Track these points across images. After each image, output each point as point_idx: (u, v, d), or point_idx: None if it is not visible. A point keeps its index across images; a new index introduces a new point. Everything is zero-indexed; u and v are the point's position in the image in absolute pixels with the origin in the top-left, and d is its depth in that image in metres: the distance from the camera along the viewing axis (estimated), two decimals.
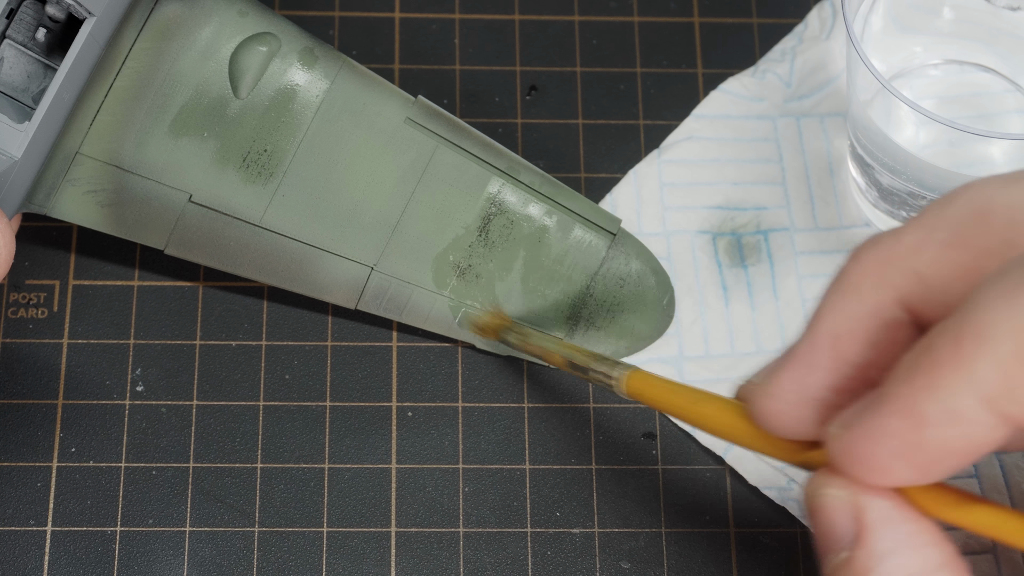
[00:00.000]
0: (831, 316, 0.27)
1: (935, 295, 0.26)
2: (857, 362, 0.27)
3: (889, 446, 0.25)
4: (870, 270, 0.26)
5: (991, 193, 0.25)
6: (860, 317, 0.26)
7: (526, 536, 0.41)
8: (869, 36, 0.42)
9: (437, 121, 0.41)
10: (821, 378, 0.27)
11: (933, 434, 0.24)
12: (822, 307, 0.27)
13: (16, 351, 0.42)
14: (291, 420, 0.42)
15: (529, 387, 0.42)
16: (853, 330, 0.26)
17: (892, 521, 0.26)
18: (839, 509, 0.26)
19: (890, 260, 0.26)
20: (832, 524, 0.26)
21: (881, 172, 0.41)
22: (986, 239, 0.25)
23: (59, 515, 0.40)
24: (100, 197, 0.39)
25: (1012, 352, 0.22)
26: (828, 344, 0.27)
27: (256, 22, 0.40)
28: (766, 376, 0.28)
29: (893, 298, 0.26)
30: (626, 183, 0.44)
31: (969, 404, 0.23)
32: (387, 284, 0.41)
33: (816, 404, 0.27)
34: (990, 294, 0.23)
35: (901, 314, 0.26)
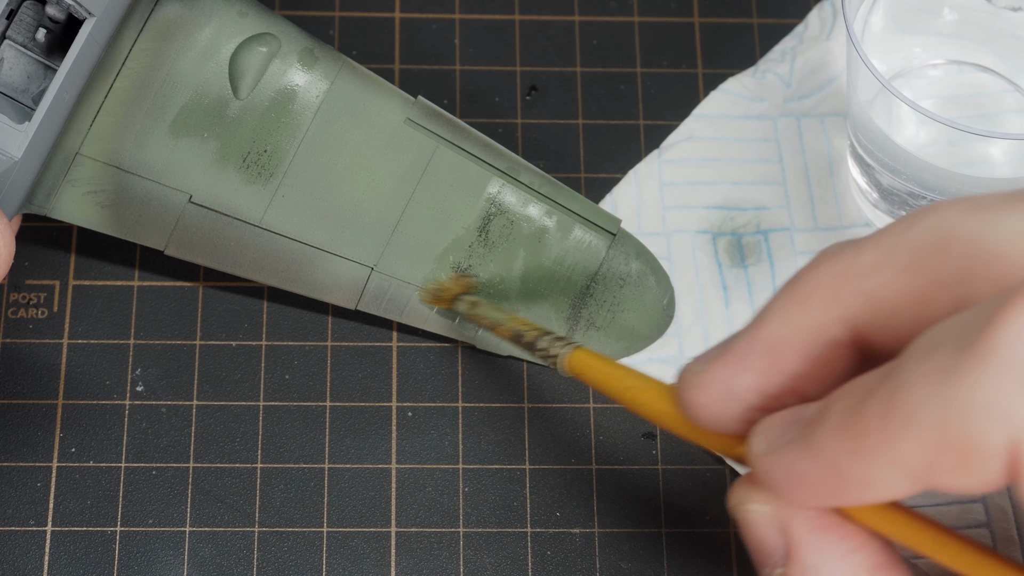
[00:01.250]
0: (774, 323, 0.27)
1: (883, 320, 0.25)
2: (791, 372, 0.26)
3: (808, 487, 0.25)
4: (823, 284, 0.26)
5: (954, 220, 0.25)
6: (803, 330, 0.26)
7: (526, 536, 0.41)
8: (869, 36, 0.42)
9: (437, 121, 0.41)
10: (751, 380, 0.27)
11: (852, 490, 0.24)
12: (768, 310, 0.27)
13: (16, 351, 0.42)
14: (291, 420, 0.42)
15: (529, 387, 0.42)
16: (793, 342, 0.26)
17: (819, 530, 0.26)
18: (766, 524, 0.26)
19: (846, 277, 0.26)
20: (761, 539, 0.26)
21: (881, 172, 0.41)
22: (943, 268, 0.24)
23: (59, 515, 0.40)
24: (100, 198, 0.39)
25: (935, 440, 0.22)
26: (765, 350, 0.27)
27: (256, 23, 0.40)
28: (697, 365, 0.28)
29: (840, 317, 0.26)
30: (626, 183, 0.44)
31: (891, 476, 0.23)
32: (387, 284, 0.41)
33: (741, 403, 0.27)
34: (919, 373, 0.22)
35: (844, 334, 0.26)
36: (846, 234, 0.44)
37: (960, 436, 0.22)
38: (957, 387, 0.22)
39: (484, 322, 0.39)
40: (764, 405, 0.27)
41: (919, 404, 0.22)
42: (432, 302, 0.41)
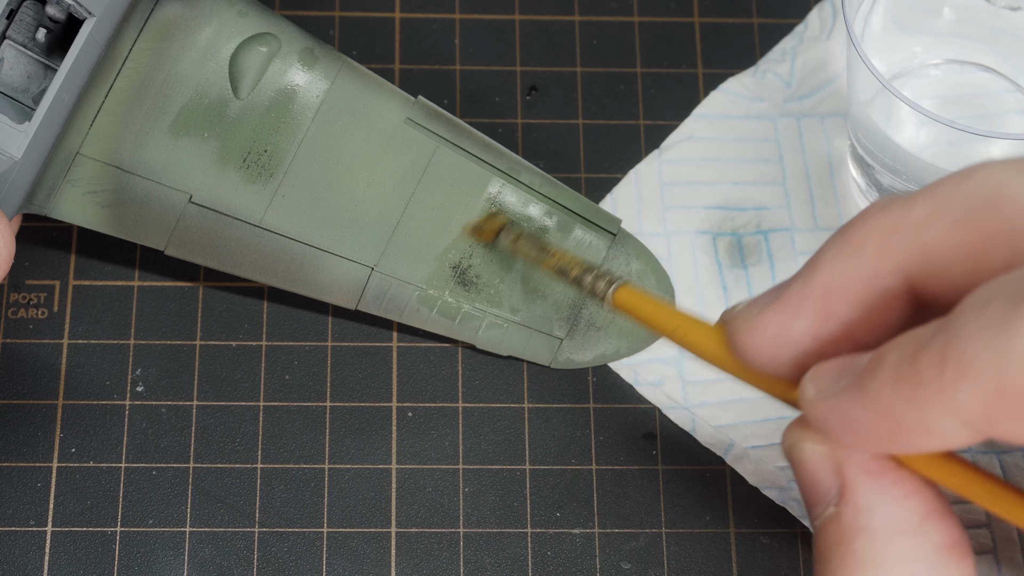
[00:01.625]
0: (828, 269, 0.27)
1: (936, 271, 0.26)
2: (845, 319, 0.27)
3: (862, 434, 0.25)
4: (875, 235, 0.26)
5: (1006, 178, 0.25)
6: (857, 278, 0.26)
7: (526, 536, 0.41)
8: (869, 36, 0.42)
9: (437, 121, 0.41)
10: (805, 326, 0.27)
11: (908, 438, 0.24)
12: (820, 257, 0.27)
13: (16, 351, 0.42)
14: (291, 420, 0.42)
15: (529, 387, 0.42)
16: (848, 289, 0.26)
17: (873, 473, 0.26)
18: (820, 463, 0.26)
19: (897, 229, 0.26)
20: (815, 479, 0.27)
21: (881, 172, 0.41)
22: (995, 223, 0.25)
23: (59, 515, 0.40)
24: (100, 198, 0.39)
25: (992, 387, 0.22)
26: (819, 295, 0.27)
27: (256, 22, 0.40)
28: (751, 309, 0.28)
29: (894, 267, 0.26)
30: (626, 183, 0.44)
31: (948, 424, 0.23)
32: (387, 284, 0.41)
33: (795, 348, 0.27)
34: (975, 324, 0.23)
35: (898, 284, 0.26)
36: None
37: (1017, 383, 0.22)
38: (1013, 336, 0.22)
39: (530, 256, 0.39)
40: (818, 351, 0.27)
41: (976, 353, 0.22)
42: (476, 236, 0.41)
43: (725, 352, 0.29)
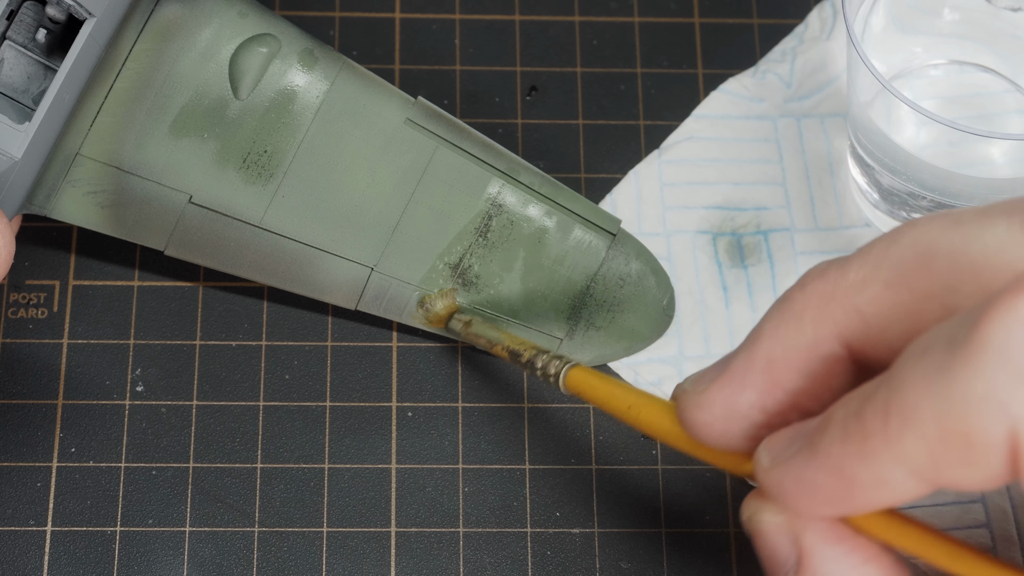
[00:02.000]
0: (769, 340, 0.27)
1: (874, 334, 0.26)
2: (790, 388, 0.27)
3: (817, 495, 0.25)
4: (813, 302, 0.26)
5: (935, 236, 0.25)
6: (798, 347, 0.27)
7: (526, 536, 0.41)
8: (869, 36, 0.42)
9: (437, 122, 0.41)
10: (752, 398, 0.27)
11: (861, 493, 0.24)
12: (762, 329, 0.27)
13: (16, 351, 0.42)
14: (291, 420, 0.42)
15: (529, 387, 0.42)
16: (789, 359, 0.27)
17: (831, 541, 0.26)
18: (777, 533, 0.27)
19: (834, 295, 0.26)
20: (773, 549, 0.27)
21: (881, 172, 0.41)
22: (928, 282, 0.25)
23: (59, 515, 0.40)
24: (100, 198, 0.39)
25: (935, 434, 0.23)
26: (763, 367, 0.27)
27: (256, 23, 0.40)
28: (697, 385, 0.28)
29: (833, 333, 0.26)
30: (626, 183, 0.44)
31: (897, 474, 0.23)
32: (387, 285, 0.41)
33: (744, 421, 0.27)
34: (914, 373, 0.23)
35: (839, 350, 0.26)
36: (846, 234, 0.44)
37: (960, 428, 0.22)
38: (952, 381, 0.22)
39: (479, 341, 0.39)
40: (767, 422, 0.27)
41: (917, 401, 0.23)
42: (428, 324, 0.41)
43: (680, 429, 0.29)
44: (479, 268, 0.41)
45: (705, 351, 0.42)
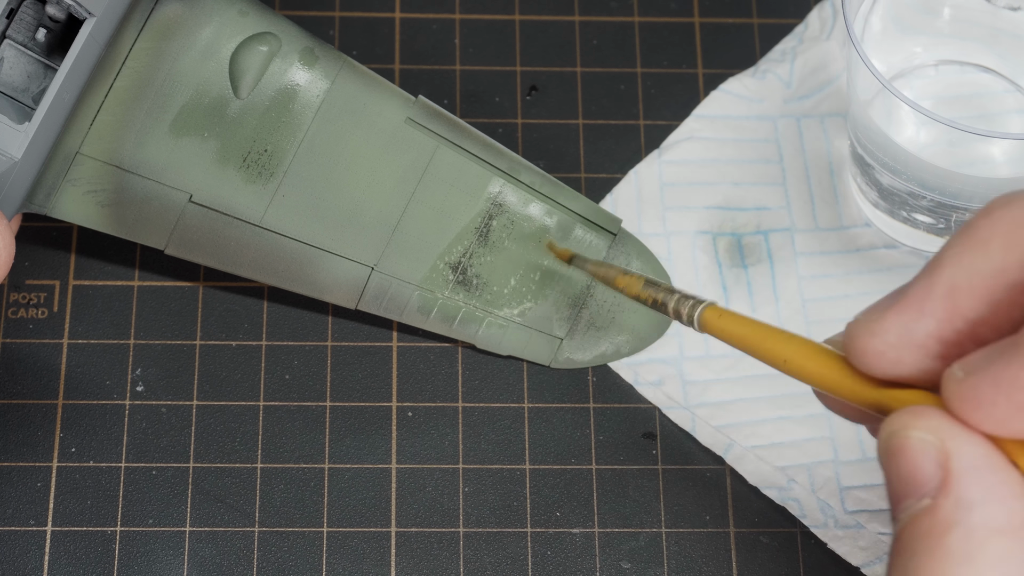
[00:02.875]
0: (953, 267, 0.26)
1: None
2: (971, 318, 0.26)
3: (1016, 397, 0.24)
4: (1001, 228, 0.25)
5: None
6: (983, 273, 0.25)
7: (526, 536, 0.41)
8: (869, 36, 0.42)
9: (437, 121, 0.41)
10: (930, 326, 0.26)
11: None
12: (944, 255, 0.26)
13: (16, 351, 0.42)
14: (291, 420, 0.42)
15: (529, 387, 0.42)
16: (974, 285, 0.26)
17: (981, 469, 0.25)
18: (924, 452, 0.25)
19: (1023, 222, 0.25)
20: (915, 467, 0.25)
21: (881, 172, 0.41)
22: None
23: (59, 515, 0.40)
24: (100, 197, 0.39)
25: None
26: (944, 294, 0.26)
27: (256, 22, 0.40)
28: (871, 313, 0.27)
29: (1021, 260, 0.25)
30: (626, 183, 0.44)
31: None
32: (387, 284, 0.41)
33: (918, 351, 0.26)
34: None
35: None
36: (846, 234, 0.44)
37: None
38: None
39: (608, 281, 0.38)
40: (943, 353, 0.26)
41: None
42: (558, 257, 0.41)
43: (830, 368, 0.28)
44: (479, 267, 0.41)
45: (705, 351, 0.42)
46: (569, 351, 0.42)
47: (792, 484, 0.41)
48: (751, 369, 0.42)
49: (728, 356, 0.42)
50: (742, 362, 0.42)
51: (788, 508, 0.41)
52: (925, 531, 0.25)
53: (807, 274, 0.43)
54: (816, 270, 0.43)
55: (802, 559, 0.40)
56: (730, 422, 0.42)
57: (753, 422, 0.42)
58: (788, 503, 0.41)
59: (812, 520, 0.41)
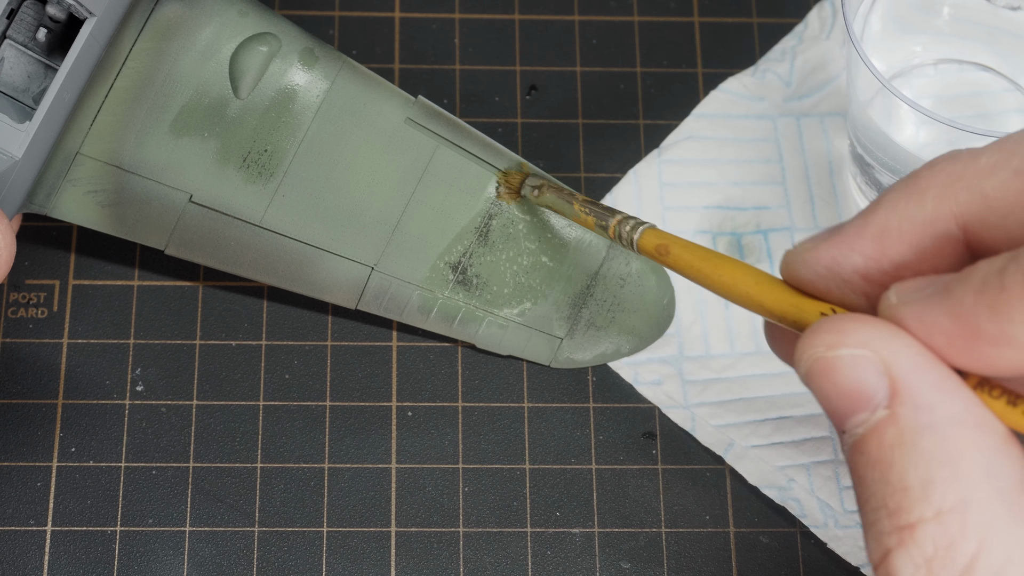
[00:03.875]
0: (887, 211, 0.27)
1: (995, 219, 0.26)
2: (896, 260, 0.27)
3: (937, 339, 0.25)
4: (939, 180, 0.26)
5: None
6: (914, 220, 0.27)
7: (526, 536, 0.41)
8: (869, 36, 0.42)
9: (437, 121, 0.41)
10: (856, 262, 0.27)
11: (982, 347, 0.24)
12: (882, 199, 0.27)
13: (16, 351, 0.42)
14: (291, 420, 0.42)
15: (529, 387, 0.42)
16: (903, 230, 0.27)
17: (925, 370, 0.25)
18: (863, 365, 0.25)
19: (961, 176, 0.26)
20: (856, 382, 0.25)
21: (881, 171, 0.41)
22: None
23: (59, 515, 0.40)
24: (100, 197, 0.39)
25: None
26: (875, 234, 0.27)
27: (256, 22, 0.40)
28: (806, 244, 0.28)
29: (952, 212, 0.26)
30: (626, 183, 0.44)
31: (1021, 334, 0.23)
32: (387, 284, 0.41)
33: (843, 285, 0.27)
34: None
35: (955, 230, 0.26)
36: None
37: None
38: None
39: (555, 206, 0.39)
40: (865, 291, 0.27)
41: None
42: (506, 197, 0.41)
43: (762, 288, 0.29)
44: (479, 267, 0.41)
45: (705, 351, 0.42)
46: (569, 351, 0.42)
47: (792, 484, 0.41)
48: (751, 369, 0.42)
49: (728, 356, 0.42)
50: (742, 362, 0.42)
51: (788, 508, 0.41)
52: (893, 440, 0.25)
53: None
54: None
55: (802, 559, 0.40)
56: (730, 422, 0.42)
57: (753, 422, 0.42)
58: (788, 503, 0.41)
59: (812, 520, 0.41)
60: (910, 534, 0.24)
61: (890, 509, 0.24)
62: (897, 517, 0.24)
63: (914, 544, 0.24)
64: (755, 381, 0.42)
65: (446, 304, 0.41)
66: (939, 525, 0.24)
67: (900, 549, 0.24)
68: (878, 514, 0.25)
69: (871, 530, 0.25)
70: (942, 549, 0.24)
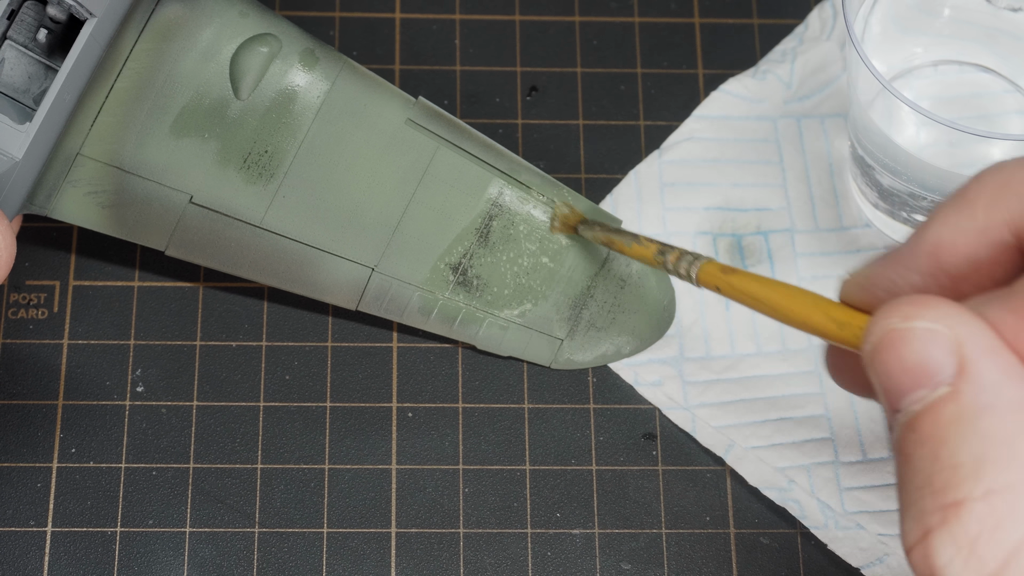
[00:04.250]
0: (939, 226, 0.27)
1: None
2: (953, 274, 0.27)
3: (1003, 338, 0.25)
4: (987, 190, 0.26)
5: None
6: (967, 232, 0.26)
7: (526, 537, 0.41)
8: (869, 37, 0.42)
9: (438, 122, 0.41)
10: (914, 280, 0.27)
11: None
12: (933, 217, 0.27)
13: (16, 351, 0.42)
14: (291, 421, 0.42)
15: (529, 387, 0.42)
16: (957, 242, 0.27)
17: (995, 353, 0.25)
18: (934, 340, 0.25)
19: (1009, 184, 0.26)
20: (925, 356, 0.25)
21: (881, 173, 0.41)
22: None
23: (59, 516, 0.40)
24: (101, 198, 0.39)
25: None
26: (929, 251, 0.27)
27: (257, 23, 0.40)
28: (863, 270, 0.28)
29: (1005, 220, 0.26)
30: (626, 184, 0.44)
31: None
32: (388, 285, 0.41)
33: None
34: None
35: (1009, 238, 0.26)
36: (847, 235, 0.44)
37: None
38: None
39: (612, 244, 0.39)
40: None
41: None
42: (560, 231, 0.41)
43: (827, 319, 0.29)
44: (480, 268, 0.41)
45: (705, 352, 0.42)
46: (570, 352, 0.42)
47: (792, 485, 0.41)
48: (751, 370, 0.42)
49: (728, 357, 0.42)
50: (742, 363, 0.42)
51: (788, 509, 0.41)
52: (952, 418, 0.24)
53: (807, 275, 0.43)
54: (816, 271, 0.43)
55: (802, 560, 0.40)
56: (730, 423, 0.42)
57: (753, 423, 0.42)
58: (788, 504, 0.41)
59: (812, 521, 0.41)
60: (955, 512, 0.23)
61: (935, 487, 0.24)
62: (943, 495, 0.24)
63: (958, 523, 0.23)
64: (756, 382, 0.42)
65: (446, 305, 0.41)
66: (987, 504, 0.23)
67: (942, 528, 0.24)
68: (921, 492, 0.24)
69: (911, 510, 0.24)
70: (988, 530, 0.23)
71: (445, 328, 0.41)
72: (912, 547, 0.24)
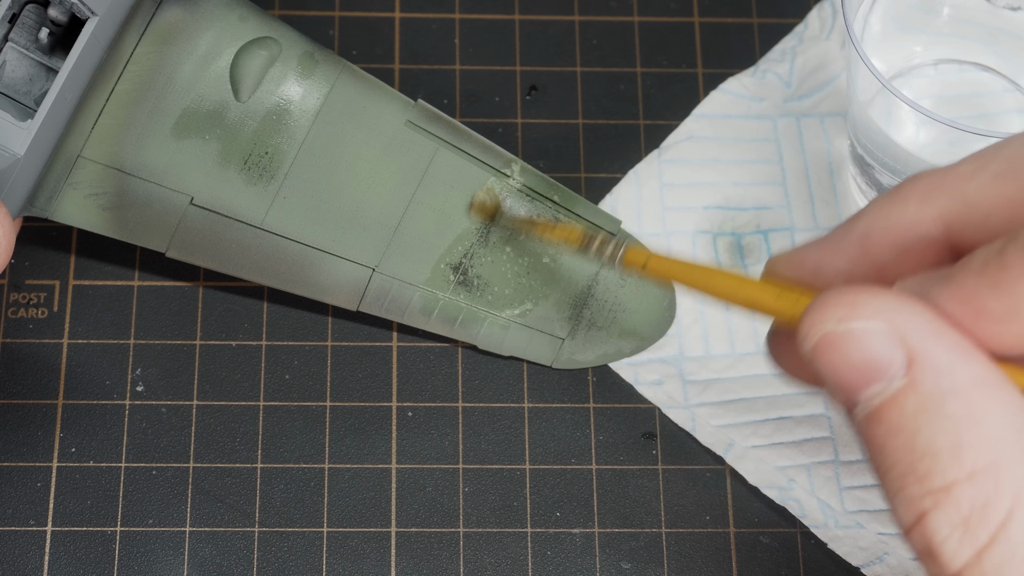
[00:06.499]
0: (870, 216, 0.28)
1: (976, 219, 0.26)
2: (879, 262, 0.28)
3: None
4: (920, 188, 0.27)
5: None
6: (897, 223, 0.27)
7: (526, 536, 0.41)
8: (869, 36, 0.42)
9: (437, 124, 0.41)
10: (840, 265, 0.28)
11: (988, 324, 0.25)
12: (866, 208, 0.28)
13: (16, 351, 0.42)
14: (291, 420, 0.42)
15: (529, 387, 0.42)
16: (886, 233, 0.27)
17: (940, 335, 0.25)
18: (878, 336, 0.25)
19: (942, 183, 0.27)
20: (871, 353, 0.25)
21: (881, 172, 0.41)
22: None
23: (59, 515, 0.40)
24: (102, 200, 0.39)
25: None
26: (858, 238, 0.28)
27: (257, 27, 0.40)
28: (792, 251, 0.29)
29: (934, 215, 0.27)
30: (626, 183, 0.44)
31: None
32: (388, 285, 0.41)
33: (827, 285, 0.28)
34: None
35: (937, 232, 0.27)
36: None
37: None
38: None
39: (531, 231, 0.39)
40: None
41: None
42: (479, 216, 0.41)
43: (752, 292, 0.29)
44: (480, 268, 0.41)
45: (705, 351, 0.42)
46: (571, 351, 0.42)
47: (792, 484, 0.41)
48: (751, 369, 0.42)
49: (728, 356, 0.42)
50: (742, 362, 0.42)
51: (788, 508, 0.41)
52: (916, 407, 0.25)
53: None
54: None
55: (802, 559, 0.40)
56: (730, 422, 0.42)
57: (753, 422, 0.42)
58: (788, 503, 0.41)
59: (812, 520, 0.41)
60: (946, 495, 0.24)
61: (919, 474, 0.25)
62: (929, 480, 0.24)
63: (951, 504, 0.24)
64: (756, 381, 0.42)
65: (447, 305, 0.41)
66: (973, 485, 0.24)
67: (936, 510, 0.24)
68: (905, 480, 0.25)
69: (899, 496, 0.25)
70: (978, 508, 0.24)
71: (446, 328, 0.41)
72: (909, 528, 0.25)
